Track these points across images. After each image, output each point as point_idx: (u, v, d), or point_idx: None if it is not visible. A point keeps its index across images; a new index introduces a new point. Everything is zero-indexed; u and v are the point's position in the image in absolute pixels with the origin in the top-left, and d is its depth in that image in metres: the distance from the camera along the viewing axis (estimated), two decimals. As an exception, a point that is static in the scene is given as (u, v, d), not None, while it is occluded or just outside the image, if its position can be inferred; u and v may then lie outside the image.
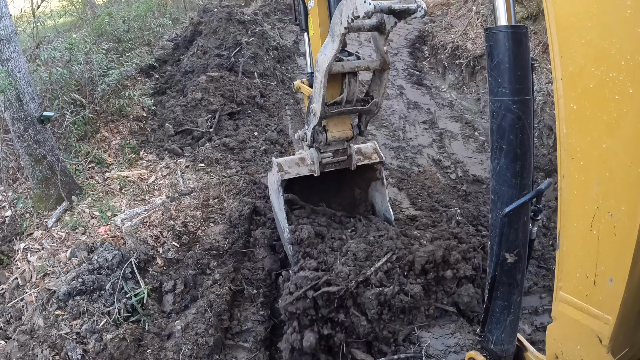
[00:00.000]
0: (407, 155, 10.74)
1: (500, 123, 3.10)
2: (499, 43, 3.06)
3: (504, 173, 3.20)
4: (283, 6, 20.85)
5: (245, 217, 8.03)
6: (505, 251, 3.29)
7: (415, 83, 15.26)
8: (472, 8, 18.64)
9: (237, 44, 13.57)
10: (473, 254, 6.56)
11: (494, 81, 3.12)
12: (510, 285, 3.43)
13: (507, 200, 3.22)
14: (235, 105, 11.17)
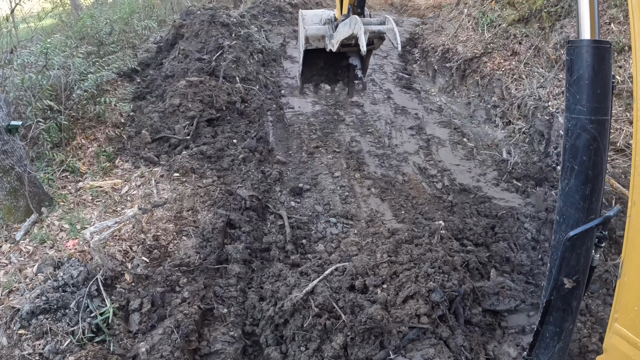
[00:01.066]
0: (392, 163, 10.35)
1: (574, 142, 3.02)
2: (581, 58, 2.98)
3: (573, 195, 3.12)
4: (272, 8, 20.57)
5: (219, 230, 7.64)
6: (564, 276, 3.20)
7: (403, 87, 14.93)
8: (463, 10, 18.44)
9: (218, 48, 13.18)
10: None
11: (571, 97, 3.05)
12: (564, 312, 3.36)
13: (572, 224, 3.13)
14: (214, 112, 10.77)
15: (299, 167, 9.86)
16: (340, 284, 6.37)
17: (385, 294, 6.09)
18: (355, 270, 6.43)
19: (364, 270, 6.42)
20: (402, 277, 6.23)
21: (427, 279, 6.20)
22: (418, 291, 6.01)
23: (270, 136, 10.81)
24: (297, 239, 7.93)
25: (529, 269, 7.66)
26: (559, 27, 13.91)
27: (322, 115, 12.03)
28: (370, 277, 6.34)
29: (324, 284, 6.40)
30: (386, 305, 6.01)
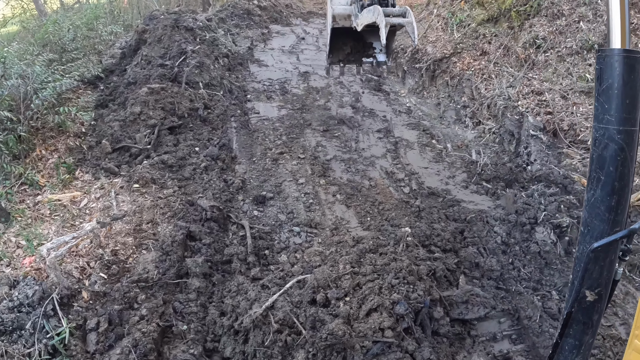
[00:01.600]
0: (358, 167, 10.10)
1: (602, 152, 3.00)
2: (611, 67, 2.96)
3: (598, 206, 3.08)
4: (240, 11, 20.28)
5: (179, 243, 7.35)
6: (587, 288, 3.17)
7: (372, 89, 14.71)
8: (432, 11, 18.36)
9: (181, 53, 12.86)
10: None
11: (600, 106, 3.03)
12: (584, 325, 3.33)
13: (597, 235, 3.10)
14: (176, 119, 10.46)
15: (263, 174, 9.56)
16: (301, 298, 6.13)
17: (348, 307, 5.84)
18: (316, 282, 6.18)
19: (325, 282, 6.17)
20: (365, 289, 5.99)
21: (391, 290, 5.96)
22: (382, 304, 5.77)
23: (234, 143, 10.50)
24: (260, 250, 7.65)
25: (499, 274, 7.48)
26: (528, 26, 13.87)
27: (287, 119, 11.76)
28: (332, 290, 6.09)
29: (284, 298, 6.15)
30: (349, 319, 5.76)
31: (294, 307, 6.03)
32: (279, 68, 15.41)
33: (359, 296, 5.95)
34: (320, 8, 25.41)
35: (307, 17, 23.11)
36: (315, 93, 13.69)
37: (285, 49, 17.44)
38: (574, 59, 12.45)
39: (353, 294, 6.04)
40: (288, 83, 14.24)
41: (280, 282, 6.60)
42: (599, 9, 12.72)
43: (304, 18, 22.92)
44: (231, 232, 8.10)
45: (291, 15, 22.82)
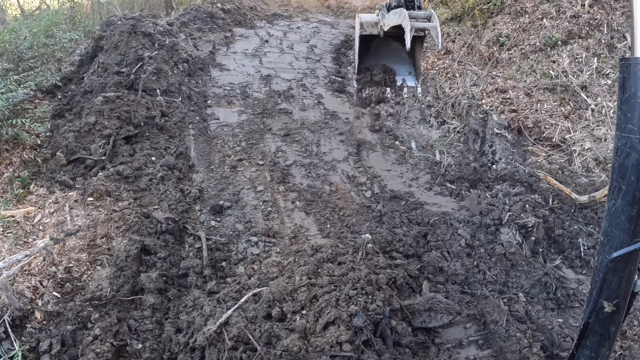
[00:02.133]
0: (319, 172, 9.88)
1: (623, 161, 2.95)
2: (634, 76, 2.95)
3: (619, 215, 3.03)
4: (204, 14, 19.98)
5: (133, 257, 7.06)
6: (605, 299, 3.14)
7: (336, 90, 14.50)
8: None
9: (138, 59, 12.53)
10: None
11: (622, 115, 2.99)
12: (601, 336, 3.29)
13: (617, 245, 3.05)
14: (132, 128, 10.14)
15: (221, 182, 9.30)
16: (256, 313, 5.90)
17: (304, 321, 5.62)
18: (272, 296, 5.95)
19: (281, 295, 5.94)
20: (322, 301, 5.77)
21: (349, 302, 5.74)
22: (339, 316, 5.55)
23: (192, 151, 10.21)
24: (217, 262, 7.40)
25: (464, 277, 7.31)
26: (492, 24, 13.90)
27: (248, 125, 11.51)
28: (288, 303, 5.86)
29: (238, 313, 5.93)
30: (305, 333, 5.53)
31: (249, 322, 5.80)
32: (241, 72, 15.13)
33: (316, 309, 5.73)
34: (285, 10, 25.22)
35: (272, 20, 22.89)
36: (276, 96, 13.44)
37: (249, 53, 17.19)
38: (538, 56, 12.44)
39: (310, 306, 5.82)
40: (249, 87, 13.97)
41: (236, 296, 6.38)
42: (562, 5, 12.71)
43: (269, 20, 22.69)
44: (188, 244, 7.83)
45: (255, 17, 22.56)
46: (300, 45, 18.98)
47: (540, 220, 8.09)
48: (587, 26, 11.93)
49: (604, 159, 9.73)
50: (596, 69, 11.21)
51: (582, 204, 8.98)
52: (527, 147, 10.86)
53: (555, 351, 6.19)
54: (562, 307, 7.07)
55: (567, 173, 9.90)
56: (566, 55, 11.95)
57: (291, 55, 17.36)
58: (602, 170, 9.72)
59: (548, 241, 8.18)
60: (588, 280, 7.55)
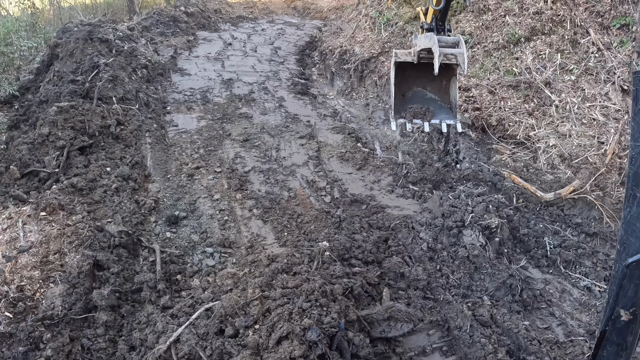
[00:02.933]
0: (278, 178, 9.68)
1: (638, 170, 3.01)
2: None
3: (634, 223, 3.04)
4: (166, 18, 19.73)
5: (85, 274, 6.81)
6: (621, 307, 3.06)
7: (298, 93, 14.38)
8: (361, 10, 18.24)
9: (94, 67, 12.22)
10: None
11: (636, 126, 3.05)
12: (618, 346, 3.20)
13: (633, 253, 3.01)
14: (87, 138, 9.82)
15: (177, 192, 9.03)
16: (207, 329, 5.67)
17: (257, 337, 5.40)
18: (224, 310, 5.74)
19: (233, 310, 5.73)
20: (274, 315, 5.55)
21: (302, 315, 5.53)
22: (292, 330, 5.33)
23: (148, 160, 9.92)
24: (171, 275, 7.16)
25: (426, 282, 7.15)
26: (455, 23, 13.82)
27: (207, 131, 11.27)
28: (240, 318, 5.64)
29: (190, 330, 5.70)
30: (258, 349, 5.32)
31: (200, 339, 5.59)
32: (202, 76, 14.92)
33: (269, 323, 5.52)
34: (250, 12, 25.04)
35: (237, 22, 22.75)
36: (237, 101, 13.23)
37: (211, 56, 16.98)
38: (501, 54, 12.37)
39: (262, 321, 5.62)
40: (210, 92, 13.75)
41: (189, 311, 6.15)
42: (525, 2, 12.66)
43: (233, 23, 22.54)
44: (142, 257, 7.57)
45: (220, 20, 22.39)
46: (264, 47, 18.84)
47: (505, 221, 8.00)
48: (550, 22, 11.86)
49: (569, 155, 9.65)
50: (560, 65, 11.14)
51: (547, 201, 8.91)
52: (491, 146, 10.77)
53: (521, 355, 6.09)
54: (528, 308, 6.98)
55: (532, 170, 9.82)
56: (529, 51, 11.88)
57: (254, 58, 17.20)
58: (567, 166, 9.64)
59: (513, 241, 8.11)
60: (555, 280, 7.49)
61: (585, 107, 10.17)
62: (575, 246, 8.05)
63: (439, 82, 9.72)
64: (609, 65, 10.43)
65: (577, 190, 8.81)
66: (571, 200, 8.86)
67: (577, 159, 9.50)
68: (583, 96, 10.36)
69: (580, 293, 7.26)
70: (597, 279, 7.47)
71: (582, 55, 10.99)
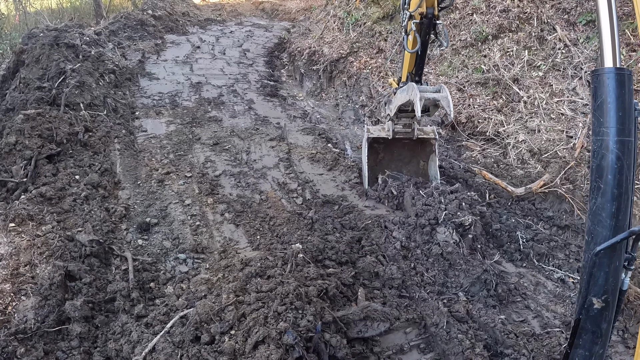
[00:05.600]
0: (249, 181, 9.62)
1: (600, 162, 3.24)
2: (603, 84, 3.32)
3: (599, 213, 3.24)
4: (134, 22, 19.55)
5: (57, 285, 6.69)
6: (593, 295, 3.26)
7: (268, 95, 14.35)
8: (329, 11, 18.26)
9: (61, 73, 12.05)
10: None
11: (596, 121, 3.33)
12: (594, 334, 3.38)
13: (600, 242, 3.22)
14: (55, 146, 9.66)
15: (148, 198, 8.92)
16: (183, 337, 5.61)
17: (233, 342, 5.36)
18: (199, 317, 5.68)
19: (208, 316, 5.68)
20: (250, 319, 5.52)
21: (278, 318, 5.51)
22: (268, 334, 5.31)
23: (118, 167, 9.79)
24: (145, 283, 7.06)
25: (401, 281, 7.16)
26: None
27: (176, 135, 11.17)
28: (215, 324, 5.59)
29: (165, 338, 5.63)
30: (234, 355, 5.29)
31: (176, 347, 5.53)
32: (171, 80, 14.83)
33: (244, 328, 5.49)
34: (218, 14, 24.93)
35: (205, 25, 22.67)
36: (207, 104, 13.18)
37: (179, 60, 16.88)
38: (469, 51, 12.45)
39: (238, 326, 5.58)
40: (179, 96, 13.68)
41: (164, 319, 6.10)
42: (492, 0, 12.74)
43: (202, 26, 22.46)
44: (114, 266, 7.46)
45: (188, 23, 22.28)
46: (233, 50, 18.78)
47: (477, 218, 8.03)
48: (517, 20, 11.97)
49: (539, 150, 9.75)
50: (527, 61, 11.25)
51: (518, 196, 9.00)
52: (462, 143, 10.84)
53: (499, 349, 6.13)
54: (503, 302, 7.05)
55: (502, 166, 9.90)
56: (497, 49, 11.97)
57: (223, 61, 17.13)
58: (537, 161, 9.74)
59: (486, 237, 8.19)
60: (529, 273, 7.56)
61: (553, 103, 10.27)
62: (548, 239, 8.13)
63: (416, 164, 9.86)
64: (575, 60, 10.54)
65: (547, 184, 8.90)
66: (542, 194, 8.94)
67: (546, 153, 9.59)
68: (551, 92, 10.45)
69: (554, 285, 7.33)
70: (571, 271, 7.55)
71: (549, 51, 11.09)
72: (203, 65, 16.46)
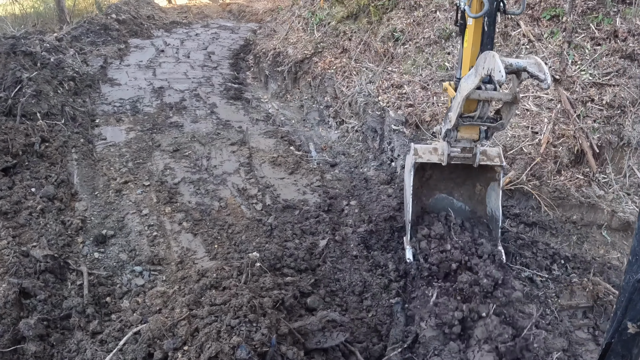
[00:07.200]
0: (208, 188, 9.46)
1: None
2: None
3: None
4: (97, 27, 19.28)
5: (12, 303, 6.49)
6: (629, 320, 3.03)
7: (231, 98, 14.20)
8: (295, 12, 18.19)
9: (17, 82, 11.78)
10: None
11: None
12: (623, 357, 3.19)
13: None
14: (10, 158, 9.44)
15: (105, 209, 8.72)
16: (135, 355, 5.46)
17: (186, 359, 5.22)
18: (151, 333, 5.53)
19: (160, 332, 5.54)
20: (202, 334, 5.38)
21: (231, 332, 5.37)
22: (221, 350, 5.17)
23: (75, 177, 9.56)
24: (101, 298, 6.90)
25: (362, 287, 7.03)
26: (386, 20, 13.87)
27: (135, 143, 10.97)
28: (168, 340, 5.45)
29: (118, 356, 5.48)
30: (187, 371, 5.15)
31: (128, 365, 5.38)
32: (133, 86, 14.64)
33: (197, 344, 5.34)
34: (184, 17, 24.75)
35: (170, 28, 22.50)
36: (168, 110, 13.00)
37: (142, 64, 16.70)
38: (433, 49, 12.43)
39: (191, 341, 5.43)
40: (140, 101, 13.49)
41: (119, 335, 5.94)
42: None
43: (167, 29, 22.29)
44: (70, 281, 7.26)
45: (153, 27, 22.09)
46: (198, 53, 18.64)
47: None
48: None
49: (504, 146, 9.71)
50: (491, 58, 11.22)
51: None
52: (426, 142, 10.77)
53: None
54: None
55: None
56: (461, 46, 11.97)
57: (187, 64, 16.98)
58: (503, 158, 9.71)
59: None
60: (509, 273, 7.44)
61: (518, 99, 10.25)
62: (514, 237, 8.06)
63: (471, 187, 8.20)
64: (540, 56, 10.53)
65: (513, 182, 8.86)
66: (508, 191, 8.90)
67: (511, 150, 9.56)
68: (516, 88, 10.44)
69: (522, 284, 7.26)
70: (539, 269, 7.48)
71: (513, 47, 11.08)
72: (166, 70, 16.29)
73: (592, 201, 8.45)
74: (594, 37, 10.21)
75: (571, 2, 10.42)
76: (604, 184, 8.87)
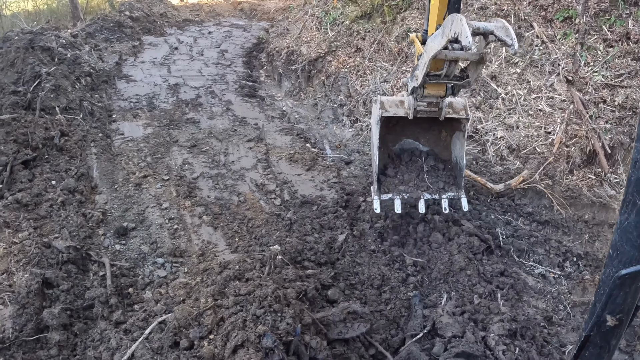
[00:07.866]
0: (227, 183, 9.57)
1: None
2: None
3: (631, 231, 2.89)
4: (111, 24, 19.39)
5: (35, 293, 6.60)
6: (608, 313, 3.02)
7: (246, 95, 14.30)
8: (308, 10, 18.25)
9: (36, 77, 11.92)
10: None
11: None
12: (601, 349, 3.20)
13: (625, 261, 2.94)
14: (30, 151, 9.55)
15: (125, 202, 8.84)
16: (161, 343, 5.57)
17: (212, 347, 5.32)
18: (177, 322, 5.64)
19: (186, 321, 5.64)
20: (228, 323, 5.48)
21: (257, 322, 5.47)
22: (247, 338, 5.27)
23: (94, 171, 9.70)
24: (123, 289, 7.00)
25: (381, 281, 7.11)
26: (400, 20, 13.91)
27: (153, 138, 11.08)
28: (194, 329, 5.55)
29: (144, 345, 5.58)
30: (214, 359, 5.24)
31: (155, 354, 5.49)
32: (148, 82, 14.76)
33: (223, 332, 5.44)
34: (196, 15, 24.81)
35: (183, 26, 22.55)
36: (184, 106, 13.13)
37: (157, 61, 16.78)
38: (448, 49, 12.46)
39: (217, 330, 5.54)
40: (156, 98, 13.61)
41: (143, 325, 6.05)
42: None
43: (179, 27, 22.32)
44: (92, 272, 7.38)
45: (166, 24, 22.14)
46: (211, 50, 18.71)
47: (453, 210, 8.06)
48: (495, 17, 11.98)
49: (517, 146, 9.80)
50: (505, 58, 11.30)
51: (498, 192, 9.01)
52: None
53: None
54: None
55: (481, 163, 9.92)
56: (428, 1, 12.11)
57: (201, 62, 17.06)
58: (516, 157, 9.79)
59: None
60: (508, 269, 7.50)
61: (531, 99, 10.32)
62: (528, 235, 8.16)
63: (437, 133, 8.49)
64: (553, 57, 10.60)
65: (526, 180, 8.94)
66: (521, 190, 8.98)
67: (525, 149, 9.64)
68: (529, 88, 10.51)
69: (535, 280, 7.34)
70: (551, 266, 7.58)
71: (526, 48, 11.15)
72: (181, 67, 16.39)
73: (603, 201, 8.55)
74: (606, 39, 10.28)
75: (584, 4, 10.50)
76: (616, 184, 8.95)
